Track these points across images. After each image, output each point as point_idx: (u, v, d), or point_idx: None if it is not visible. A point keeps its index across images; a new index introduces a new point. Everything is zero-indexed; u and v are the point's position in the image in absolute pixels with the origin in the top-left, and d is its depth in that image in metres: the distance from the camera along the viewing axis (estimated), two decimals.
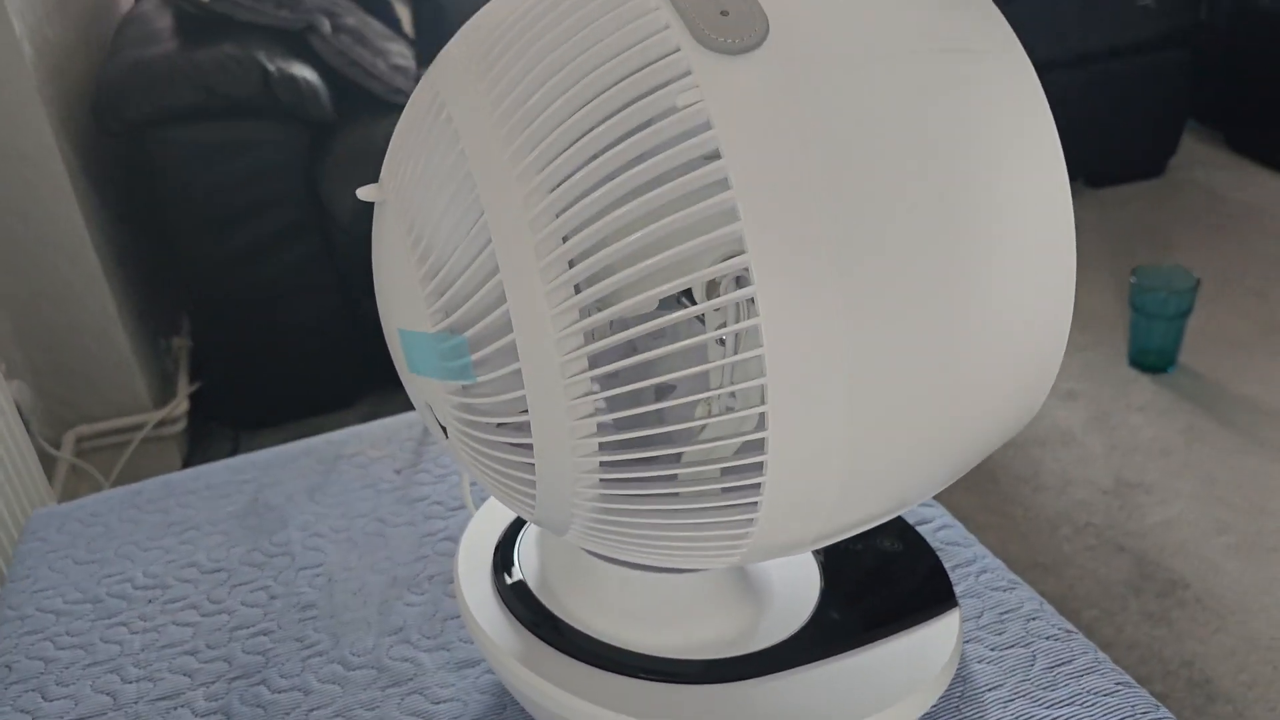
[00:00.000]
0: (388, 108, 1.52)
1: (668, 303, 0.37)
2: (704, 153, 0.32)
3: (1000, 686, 0.52)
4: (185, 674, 0.58)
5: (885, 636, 0.49)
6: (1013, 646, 0.54)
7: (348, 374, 1.63)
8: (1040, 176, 0.35)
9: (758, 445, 0.35)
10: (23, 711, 0.57)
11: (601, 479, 0.37)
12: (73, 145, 1.34)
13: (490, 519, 0.56)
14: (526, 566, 0.52)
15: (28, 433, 1.22)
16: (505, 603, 0.51)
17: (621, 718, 0.45)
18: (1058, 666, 0.52)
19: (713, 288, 0.35)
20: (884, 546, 0.55)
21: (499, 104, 0.34)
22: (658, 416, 0.38)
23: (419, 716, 0.53)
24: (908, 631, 0.49)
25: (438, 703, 0.54)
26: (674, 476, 0.37)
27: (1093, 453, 1.49)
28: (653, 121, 0.32)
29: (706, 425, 0.36)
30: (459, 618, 0.60)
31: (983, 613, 0.56)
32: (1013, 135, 0.35)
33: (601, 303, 0.34)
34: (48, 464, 1.33)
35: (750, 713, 0.45)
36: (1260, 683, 1.12)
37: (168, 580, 0.66)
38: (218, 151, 1.38)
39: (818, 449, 0.34)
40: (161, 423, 1.47)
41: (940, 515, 0.64)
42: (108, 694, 0.57)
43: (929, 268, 0.33)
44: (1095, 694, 0.51)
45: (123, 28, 1.55)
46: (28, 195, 1.27)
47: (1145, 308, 1.61)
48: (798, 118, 0.32)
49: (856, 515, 0.38)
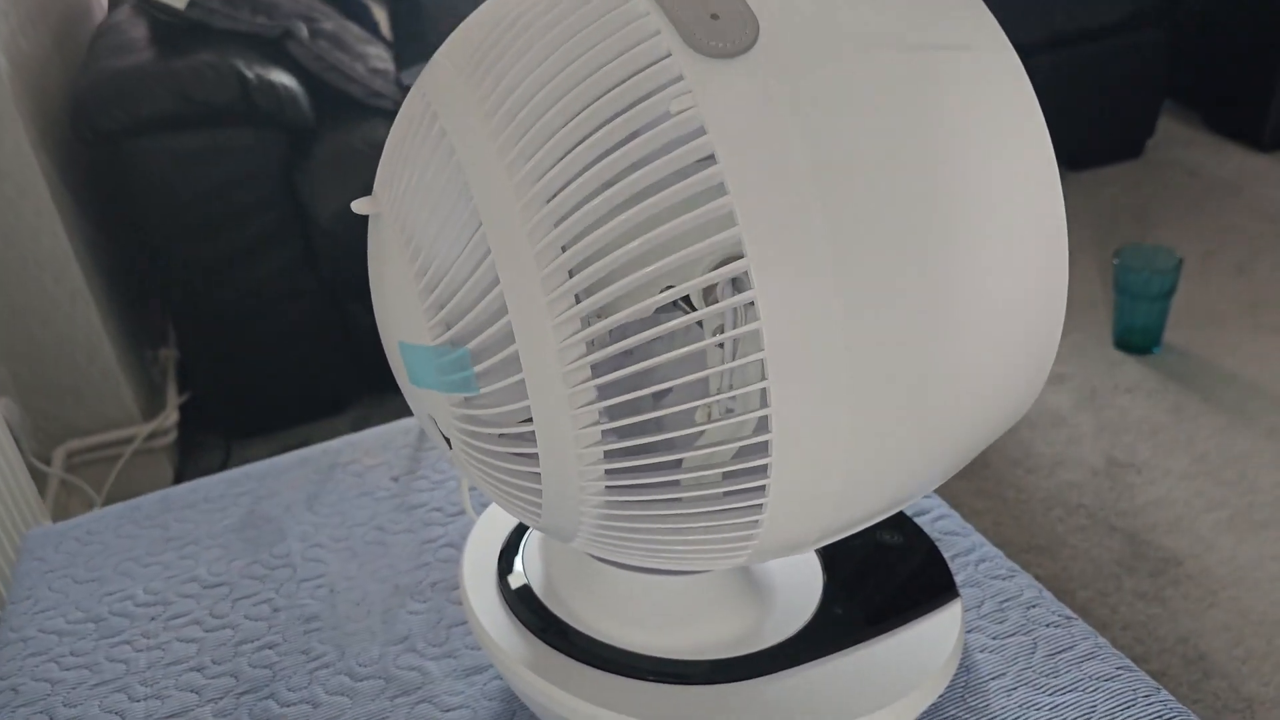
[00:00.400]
0: (368, 111, 1.51)
1: (668, 310, 0.38)
2: (699, 157, 0.32)
3: (1003, 675, 0.52)
4: (193, 690, 0.58)
5: (889, 630, 0.49)
6: (1014, 635, 0.54)
7: (338, 380, 1.63)
8: (1031, 170, 0.36)
9: (761, 448, 0.35)
10: None
11: (607, 486, 0.37)
12: (52, 158, 1.33)
13: (493, 525, 0.56)
14: (531, 572, 0.52)
15: (19, 448, 1.21)
16: (511, 609, 0.51)
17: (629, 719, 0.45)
18: (1059, 653, 0.53)
19: (709, 293, 0.36)
20: (884, 540, 0.55)
21: (492, 115, 0.34)
22: (660, 423, 0.39)
23: None
24: (911, 624, 0.50)
25: (447, 710, 0.54)
26: (679, 482, 0.37)
27: (1082, 434, 1.50)
28: (647, 128, 0.32)
29: (708, 430, 0.36)
30: (464, 624, 0.60)
31: (983, 602, 0.57)
32: (1003, 130, 0.35)
33: (602, 311, 0.34)
34: (39, 480, 1.33)
35: (759, 711, 0.46)
36: (1255, 656, 1.13)
37: (169, 596, 0.66)
38: (197, 159, 1.37)
39: (821, 448, 0.34)
40: (152, 435, 1.46)
41: (937, 505, 0.65)
42: (116, 713, 0.57)
43: (926, 264, 0.33)
44: (1097, 679, 0.51)
45: (98, 38, 1.54)
46: (7, 211, 1.26)
47: (1129, 288, 1.62)
48: (791, 119, 0.32)
49: (861, 511, 0.39)
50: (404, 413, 1.58)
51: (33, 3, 1.45)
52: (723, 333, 0.33)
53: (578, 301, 0.33)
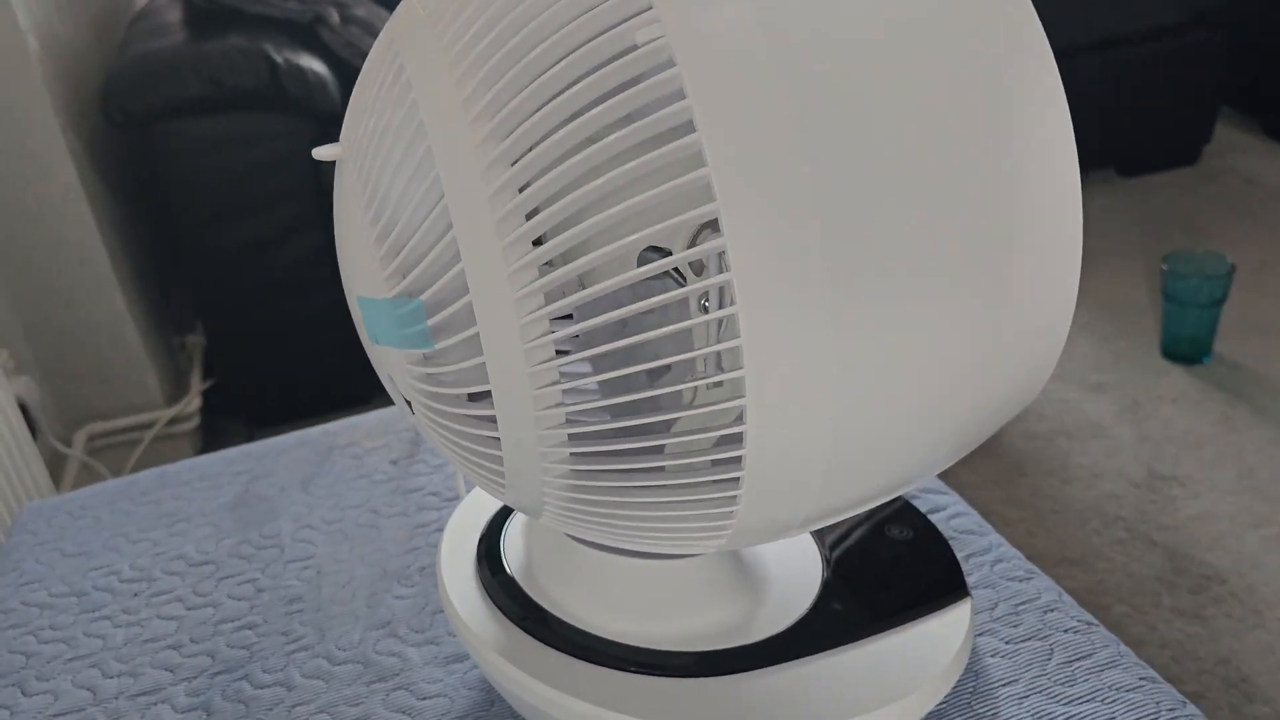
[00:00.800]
0: None
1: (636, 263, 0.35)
2: (667, 93, 0.29)
3: (1015, 681, 0.48)
4: (167, 669, 0.56)
5: (890, 628, 0.46)
6: (1029, 639, 0.51)
7: (363, 369, 1.61)
8: (1044, 124, 0.32)
9: (736, 418, 0.32)
10: (2, 707, 0.55)
11: (572, 454, 0.34)
12: (82, 141, 1.33)
13: (477, 507, 0.54)
14: (512, 556, 0.50)
15: (37, 429, 1.21)
16: (489, 593, 0.48)
17: (609, 713, 0.42)
18: (1077, 661, 0.49)
19: (688, 241, 0.33)
20: (892, 534, 0.52)
21: (451, 48, 0.32)
22: (627, 386, 0.36)
23: (405, 713, 0.51)
24: (914, 623, 0.46)
25: (424, 698, 0.52)
26: (647, 451, 0.34)
27: (1123, 445, 1.44)
28: (612, 60, 0.29)
29: (681, 395, 0.34)
30: None
31: (997, 604, 0.53)
32: (1016, 80, 0.32)
33: (563, 259, 0.32)
34: (59, 462, 1.33)
35: (745, 708, 0.43)
36: None
37: (154, 573, 0.64)
38: (225, 144, 1.37)
39: (802, 419, 0.31)
40: (174, 420, 1.46)
41: (954, 503, 0.61)
42: (88, 689, 0.55)
43: (921, 223, 0.30)
44: (1117, 689, 0.47)
45: (135, 22, 1.54)
46: (35, 192, 1.26)
47: (1178, 295, 1.56)
48: (769, 53, 0.29)
49: (848, 495, 0.35)
50: None
51: None
52: (693, 284, 0.30)
53: (535, 246, 0.31)
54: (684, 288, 0.30)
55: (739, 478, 0.33)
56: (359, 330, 0.39)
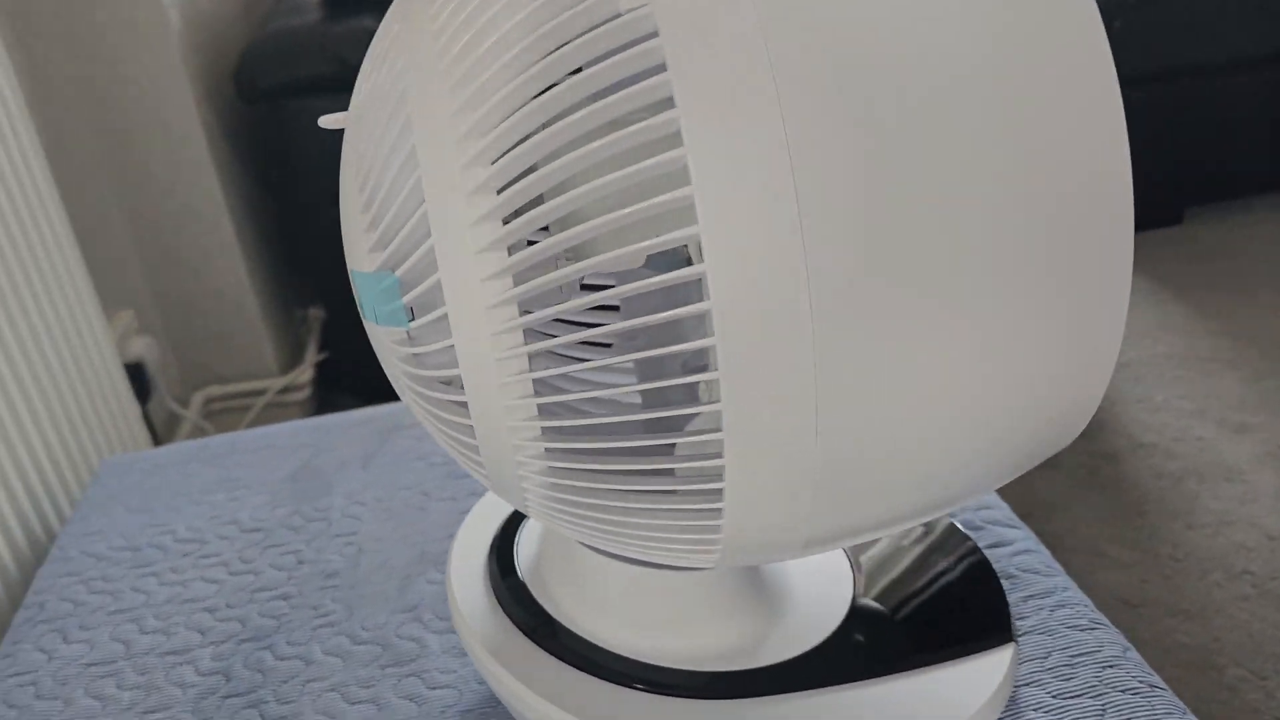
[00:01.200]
0: None
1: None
2: (650, 65, 0.27)
3: None
4: (199, 631, 0.56)
5: (915, 667, 0.42)
6: (1080, 696, 0.46)
7: None
8: (1085, 84, 0.29)
9: (715, 422, 0.29)
10: (41, 651, 0.56)
11: (547, 448, 0.32)
12: (216, 116, 1.39)
13: (497, 502, 0.52)
14: (525, 556, 0.48)
15: (153, 389, 1.26)
16: (495, 593, 0.46)
17: None
18: None
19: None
20: (935, 563, 0.48)
21: (439, 15, 0.30)
22: (600, 380, 0.33)
23: (413, 700, 0.50)
24: (945, 665, 0.43)
25: (434, 688, 0.50)
26: (624, 452, 0.32)
27: (1261, 492, 1.33)
28: (594, 29, 0.27)
29: (663, 394, 0.31)
30: None
31: (1051, 653, 0.48)
32: (1046, 34, 0.28)
33: (535, 239, 0.29)
34: (173, 423, 1.38)
35: None
36: None
37: (206, 536, 0.65)
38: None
39: (785, 433, 0.28)
40: (287, 389, 1.50)
41: (1023, 539, 0.56)
42: (122, 642, 0.56)
43: (924, 229, 0.27)
44: None
45: (279, 1, 1.60)
46: (168, 162, 1.32)
47: None
48: (761, 25, 0.26)
49: (850, 518, 0.32)
50: None
51: None
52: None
53: (505, 224, 0.29)
54: (654, 277, 0.28)
55: (720, 489, 0.31)
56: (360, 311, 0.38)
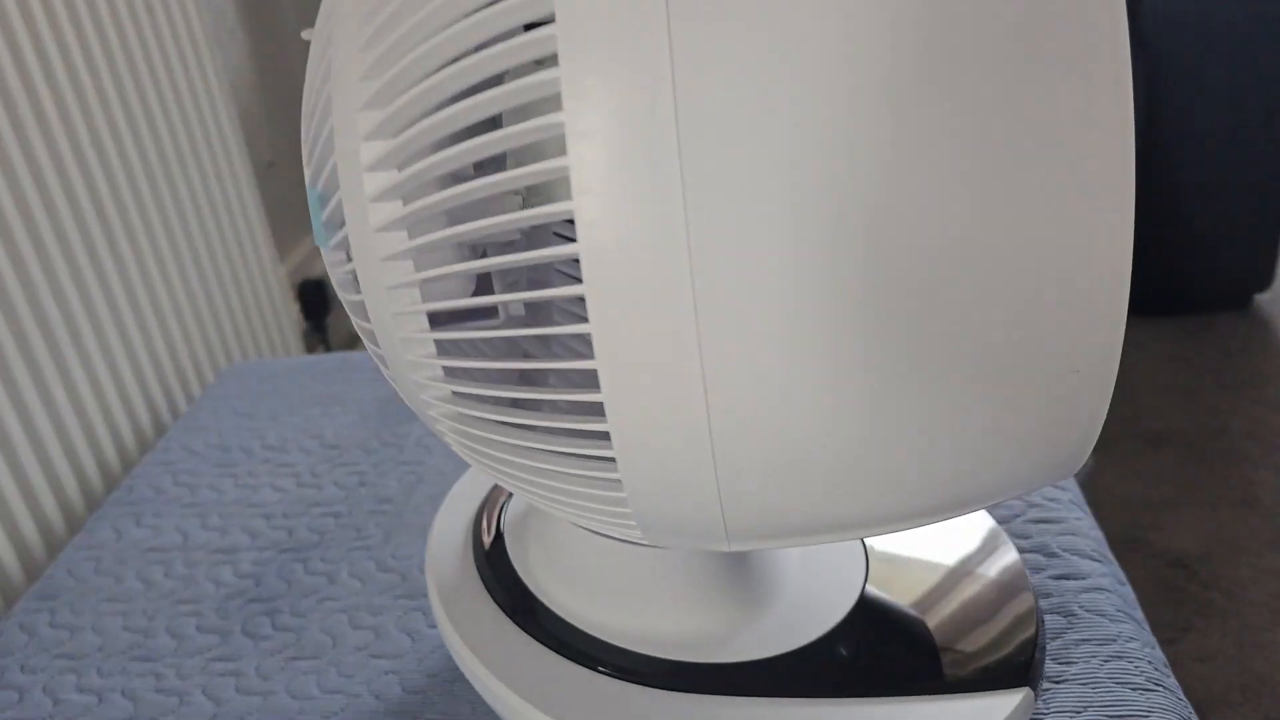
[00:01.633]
0: None
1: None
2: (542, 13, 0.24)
3: None
4: (250, 534, 0.59)
5: (893, 694, 0.38)
6: None
7: None
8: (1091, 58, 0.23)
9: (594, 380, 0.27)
10: (114, 530, 0.60)
11: (453, 391, 0.30)
12: None
13: None
14: (512, 514, 0.47)
15: (332, 305, 1.33)
16: (475, 551, 0.45)
17: (530, 708, 0.38)
18: None
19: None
20: (963, 583, 0.43)
21: None
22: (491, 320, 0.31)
23: (409, 635, 0.50)
24: (931, 698, 0.38)
25: (431, 627, 0.50)
26: (521, 404, 0.30)
27: None
28: None
29: (549, 345, 0.28)
30: None
31: (1086, 709, 0.42)
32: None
33: (422, 163, 0.27)
34: (355, 342, 1.46)
35: None
36: None
37: (289, 446, 0.67)
38: None
39: (668, 395, 0.25)
40: None
41: (1101, 575, 0.49)
42: (182, 534, 0.59)
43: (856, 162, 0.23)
44: None
45: None
46: None
47: None
48: None
49: (765, 510, 0.29)
50: None
51: None
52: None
53: (394, 137, 0.27)
54: (520, 211, 0.25)
55: (613, 457, 0.28)
56: None
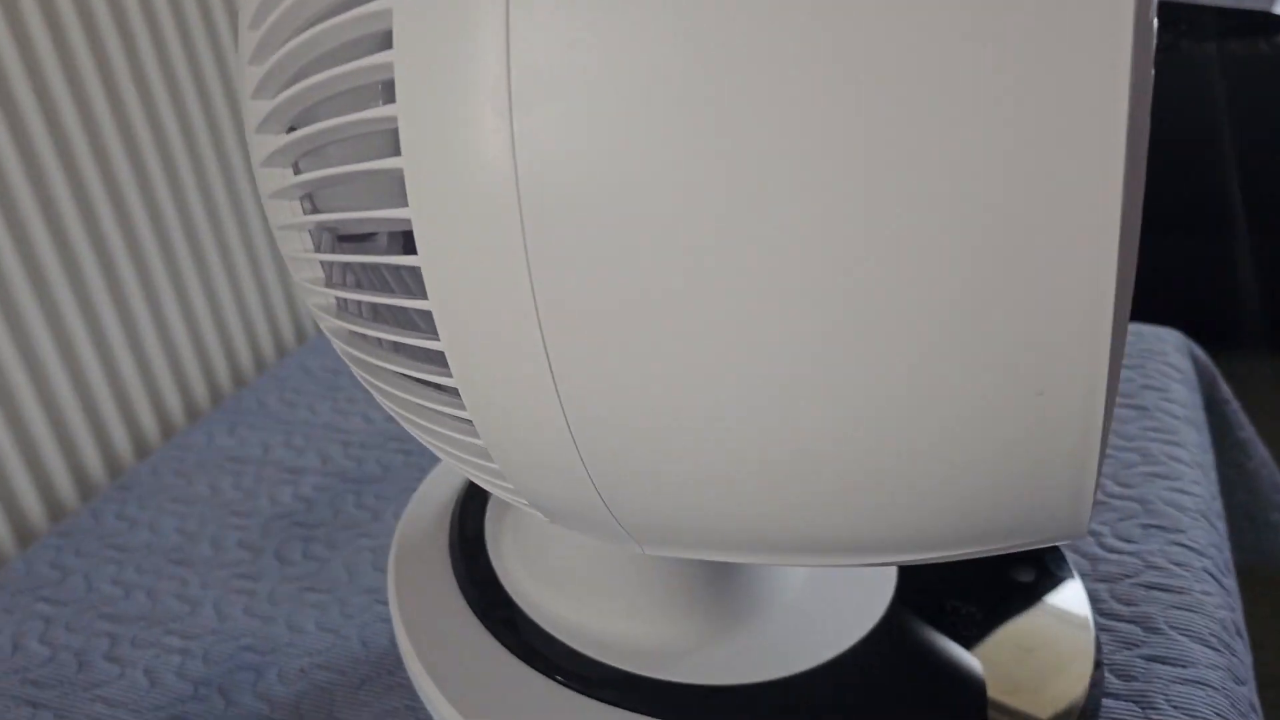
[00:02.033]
0: None
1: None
2: None
3: None
4: (323, 459, 0.61)
5: None
6: None
7: None
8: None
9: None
10: (208, 436, 0.65)
11: (339, 318, 0.28)
12: None
13: None
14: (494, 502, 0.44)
15: None
16: (451, 525, 0.43)
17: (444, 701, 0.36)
18: None
19: None
20: (1010, 627, 0.37)
21: None
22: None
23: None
24: None
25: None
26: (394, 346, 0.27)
27: None
28: None
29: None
30: None
31: None
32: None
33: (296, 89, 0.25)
34: None
35: None
36: None
37: (353, 418, 0.66)
38: None
39: (512, 349, 0.22)
40: None
41: (1213, 667, 0.41)
42: (263, 448, 0.62)
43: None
44: None
45: None
46: None
47: None
48: None
49: (651, 508, 0.25)
50: None
51: None
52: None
53: (264, 63, 0.25)
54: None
55: (471, 420, 0.25)
56: None
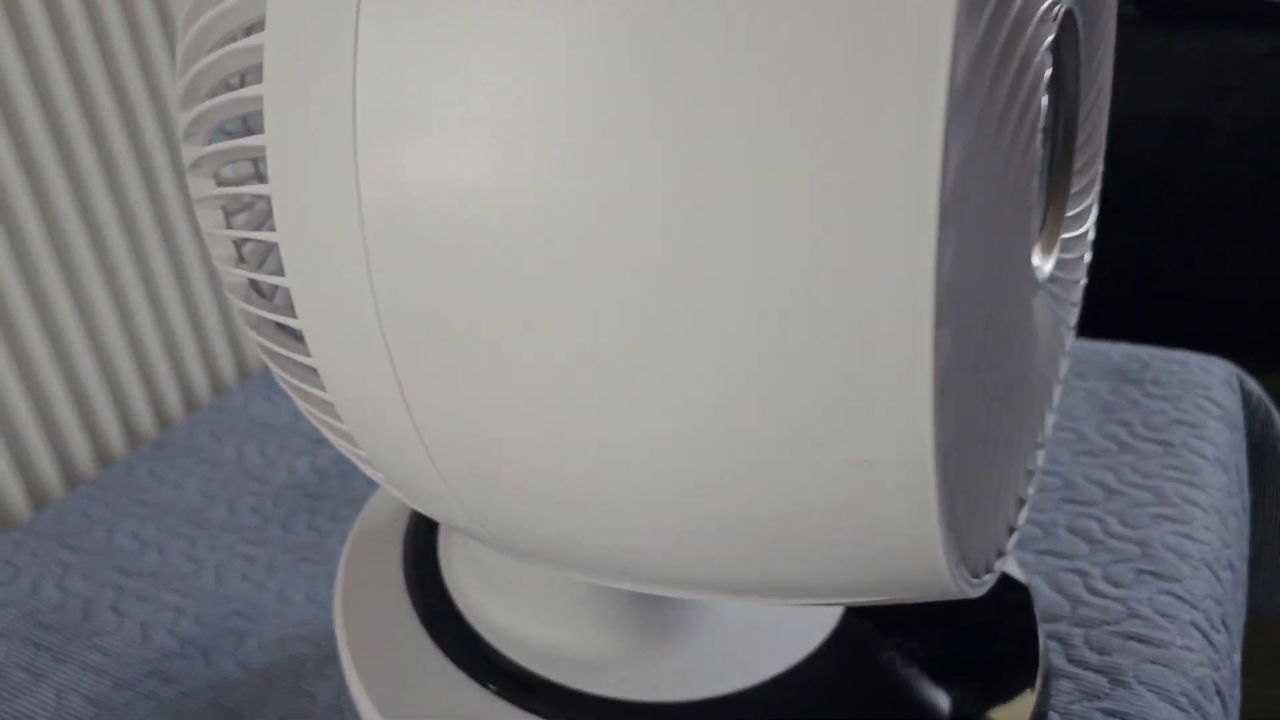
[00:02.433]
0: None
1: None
2: None
3: None
4: (315, 472, 0.59)
5: None
6: None
7: None
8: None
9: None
10: (244, 400, 0.65)
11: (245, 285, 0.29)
12: None
13: None
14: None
15: None
16: (408, 524, 0.43)
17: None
18: None
19: None
20: (958, 644, 0.35)
21: None
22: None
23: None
24: None
25: None
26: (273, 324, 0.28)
27: None
28: None
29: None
30: None
31: None
32: None
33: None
34: None
35: None
36: None
37: None
38: None
39: (347, 302, 0.23)
40: None
41: (1187, 647, 0.38)
42: (294, 416, 0.63)
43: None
44: None
45: None
46: None
47: None
48: None
49: (508, 518, 0.25)
50: None
51: None
52: None
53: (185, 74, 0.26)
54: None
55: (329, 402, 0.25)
56: None
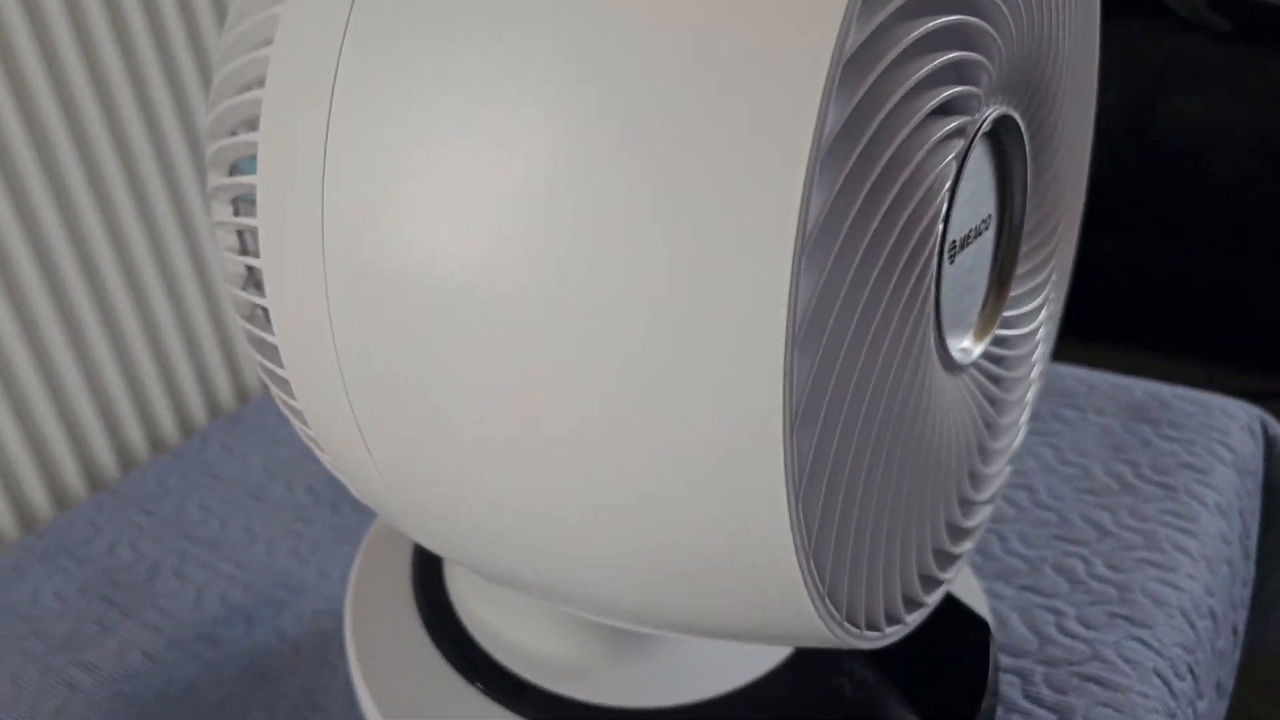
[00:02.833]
0: None
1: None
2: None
3: None
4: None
5: None
6: None
7: None
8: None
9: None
10: (282, 416, 0.66)
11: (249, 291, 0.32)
12: None
13: None
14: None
15: None
16: (414, 549, 0.45)
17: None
18: None
19: None
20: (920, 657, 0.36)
21: None
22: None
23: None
24: None
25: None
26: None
27: None
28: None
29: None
30: None
31: None
32: None
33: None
34: None
35: None
36: None
37: None
38: None
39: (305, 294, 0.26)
40: None
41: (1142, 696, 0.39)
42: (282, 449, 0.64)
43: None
44: None
45: None
46: None
47: None
48: None
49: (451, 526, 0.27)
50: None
51: None
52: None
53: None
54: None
55: (296, 407, 0.29)
56: None
